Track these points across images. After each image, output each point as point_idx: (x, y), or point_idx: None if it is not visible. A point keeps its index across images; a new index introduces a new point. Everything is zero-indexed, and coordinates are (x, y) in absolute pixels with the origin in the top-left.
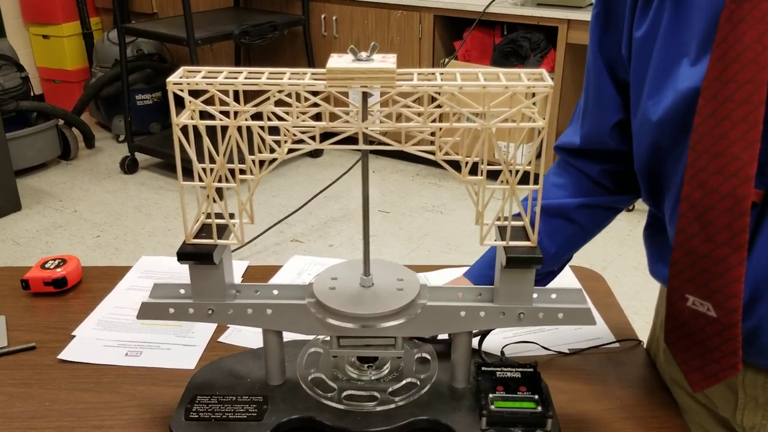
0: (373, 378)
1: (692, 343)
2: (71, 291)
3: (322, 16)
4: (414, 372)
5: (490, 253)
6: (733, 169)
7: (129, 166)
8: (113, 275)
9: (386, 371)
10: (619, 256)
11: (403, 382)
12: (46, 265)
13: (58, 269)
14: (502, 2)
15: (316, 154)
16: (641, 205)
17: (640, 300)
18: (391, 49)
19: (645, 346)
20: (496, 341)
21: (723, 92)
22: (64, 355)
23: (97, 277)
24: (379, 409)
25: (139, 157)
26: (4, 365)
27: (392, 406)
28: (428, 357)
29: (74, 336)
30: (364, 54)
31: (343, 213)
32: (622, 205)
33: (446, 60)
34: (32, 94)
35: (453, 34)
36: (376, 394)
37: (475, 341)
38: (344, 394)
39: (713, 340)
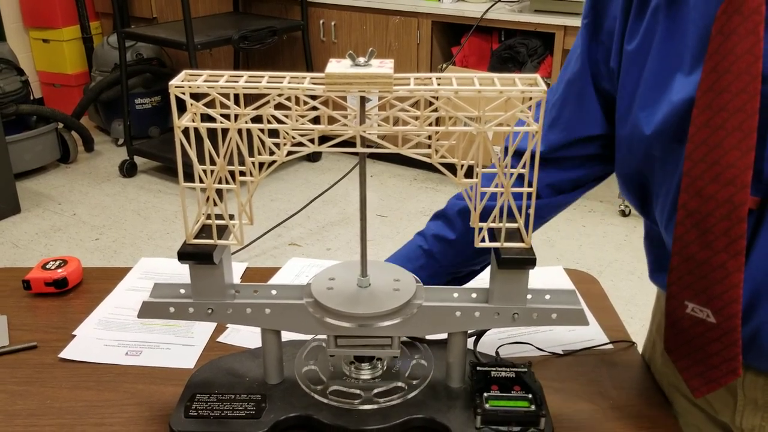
0: (369, 377)
1: (692, 349)
2: (72, 291)
3: (321, 22)
4: (410, 371)
5: (411, 245)
6: (729, 176)
7: (128, 170)
8: (113, 276)
9: (382, 370)
10: (616, 260)
11: (399, 381)
12: (47, 266)
13: (59, 270)
14: (499, 8)
15: (314, 158)
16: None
17: (636, 304)
18: (390, 55)
19: (641, 349)
20: (491, 342)
21: (717, 102)
22: (64, 354)
23: (98, 278)
24: (374, 407)
25: (138, 160)
26: (5, 364)
27: (388, 404)
28: (424, 357)
29: (75, 335)
30: (362, 59)
31: (341, 217)
32: (549, 214)
33: (444, 65)
34: (32, 97)
35: (451, 40)
36: (372, 392)
37: (470, 342)
38: (340, 392)
39: (713, 346)
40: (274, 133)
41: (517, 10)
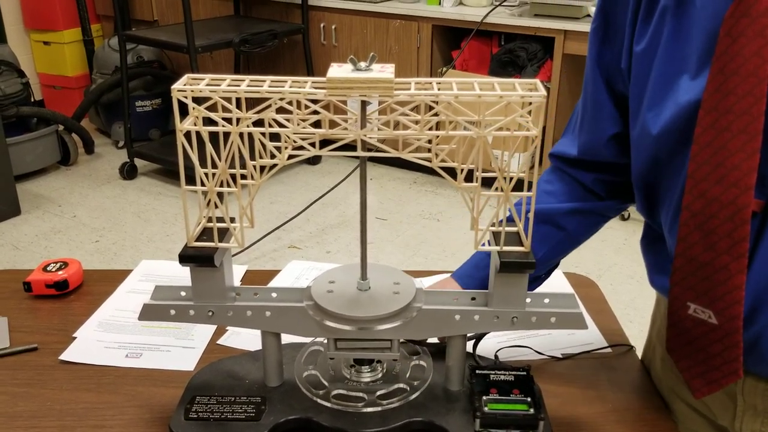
0: (369, 380)
1: (694, 350)
2: (72, 293)
3: (322, 25)
4: (409, 374)
5: (478, 254)
6: (733, 179)
7: (128, 172)
8: (114, 278)
9: (382, 373)
10: (615, 264)
11: (399, 384)
12: (48, 268)
13: (60, 272)
14: (499, 12)
15: (314, 161)
16: (636, 215)
17: (636, 308)
18: (390, 59)
19: (640, 354)
20: (491, 345)
21: (723, 104)
22: (65, 356)
23: (98, 280)
24: (374, 410)
25: (138, 163)
26: (6, 366)
27: (388, 407)
28: (423, 360)
29: (75, 337)
30: (363, 64)
31: (340, 220)
32: (612, 213)
33: (444, 69)
34: (32, 99)
35: (451, 44)
36: (371, 395)
37: (469, 345)
38: (340, 395)
39: (715, 347)
40: (275, 137)
41: (517, 14)
